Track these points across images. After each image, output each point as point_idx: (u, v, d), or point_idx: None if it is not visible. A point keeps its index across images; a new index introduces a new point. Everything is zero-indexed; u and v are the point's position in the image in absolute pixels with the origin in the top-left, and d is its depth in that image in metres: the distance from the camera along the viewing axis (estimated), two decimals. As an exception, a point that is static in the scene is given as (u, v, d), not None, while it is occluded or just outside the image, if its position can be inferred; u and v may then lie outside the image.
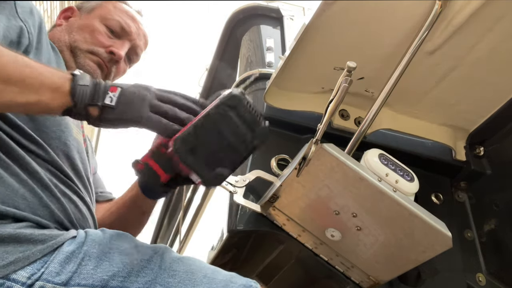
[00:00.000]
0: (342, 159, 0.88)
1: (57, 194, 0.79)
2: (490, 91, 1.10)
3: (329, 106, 0.84)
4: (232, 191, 1.04)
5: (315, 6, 0.93)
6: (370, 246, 0.98)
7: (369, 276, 1.03)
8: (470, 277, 1.11)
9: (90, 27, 1.04)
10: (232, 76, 1.65)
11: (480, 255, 1.15)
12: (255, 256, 1.27)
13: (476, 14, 0.91)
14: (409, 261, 0.96)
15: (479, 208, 1.20)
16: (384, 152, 0.97)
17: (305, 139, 1.16)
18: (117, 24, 1.06)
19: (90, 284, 0.65)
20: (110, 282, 0.65)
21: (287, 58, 1.03)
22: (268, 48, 1.42)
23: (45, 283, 0.63)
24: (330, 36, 1.01)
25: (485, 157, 1.20)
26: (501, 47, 0.98)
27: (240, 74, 1.38)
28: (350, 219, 0.95)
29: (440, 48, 1.01)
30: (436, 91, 1.12)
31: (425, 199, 1.17)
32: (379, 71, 1.06)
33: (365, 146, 1.01)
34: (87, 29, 1.04)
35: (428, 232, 0.89)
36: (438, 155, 1.22)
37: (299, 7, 1.84)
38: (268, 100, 1.14)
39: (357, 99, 1.17)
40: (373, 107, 0.98)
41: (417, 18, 0.93)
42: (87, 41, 1.03)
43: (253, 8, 1.61)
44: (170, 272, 0.71)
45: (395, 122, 1.20)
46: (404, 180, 0.93)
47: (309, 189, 0.95)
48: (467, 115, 1.18)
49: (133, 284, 0.67)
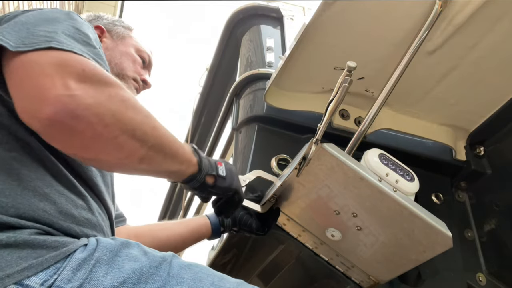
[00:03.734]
0: (342, 159, 0.88)
1: (79, 203, 0.78)
2: (490, 91, 1.10)
3: (329, 106, 0.84)
4: (232, 191, 1.04)
5: (315, 6, 0.93)
6: (370, 246, 0.98)
7: (369, 276, 1.03)
8: (471, 276, 1.11)
9: (131, 56, 1.19)
10: (232, 76, 1.65)
11: (481, 254, 1.15)
12: (255, 256, 1.27)
13: (476, 14, 0.91)
14: (410, 261, 0.96)
15: (480, 208, 1.20)
16: (384, 152, 0.97)
17: (305, 139, 1.16)
18: (147, 57, 1.23)
19: None
20: None
21: (287, 58, 1.03)
22: (268, 48, 1.42)
23: None
24: (330, 36, 1.01)
25: (485, 157, 1.20)
26: (501, 47, 0.98)
27: (240, 74, 1.38)
28: (350, 219, 0.95)
29: (440, 48, 1.01)
30: (437, 91, 1.12)
31: (425, 199, 1.17)
32: (379, 71, 1.06)
33: (365, 146, 1.01)
34: (130, 58, 1.18)
35: (428, 232, 0.89)
36: (438, 155, 1.22)
37: (299, 7, 1.84)
38: (268, 100, 1.14)
39: (357, 99, 1.17)
40: (373, 107, 0.98)
41: (417, 18, 0.93)
42: (131, 69, 1.17)
43: (253, 8, 1.61)
44: (178, 279, 0.72)
45: (395, 122, 1.20)
46: (405, 180, 0.93)
47: (309, 189, 0.95)
48: (467, 115, 1.18)
49: None
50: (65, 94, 0.63)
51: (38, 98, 0.63)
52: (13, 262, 0.63)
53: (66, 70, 0.65)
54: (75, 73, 0.65)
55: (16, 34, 0.70)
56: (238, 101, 1.33)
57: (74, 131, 0.64)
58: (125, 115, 0.69)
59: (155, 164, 0.77)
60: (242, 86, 1.34)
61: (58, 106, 0.62)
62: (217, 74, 1.81)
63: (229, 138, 1.42)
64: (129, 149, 0.70)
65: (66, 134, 0.65)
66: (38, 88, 0.63)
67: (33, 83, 0.64)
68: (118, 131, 0.67)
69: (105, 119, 0.66)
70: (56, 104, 0.62)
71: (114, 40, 1.19)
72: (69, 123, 0.63)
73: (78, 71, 0.66)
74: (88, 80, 0.66)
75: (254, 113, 1.21)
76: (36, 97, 0.63)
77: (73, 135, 0.65)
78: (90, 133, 0.65)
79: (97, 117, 0.65)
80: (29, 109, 0.65)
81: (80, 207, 0.78)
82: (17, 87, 0.68)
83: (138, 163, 0.73)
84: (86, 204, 0.80)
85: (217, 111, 1.76)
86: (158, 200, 3.00)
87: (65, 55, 0.68)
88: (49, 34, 0.71)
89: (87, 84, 0.65)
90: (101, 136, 0.66)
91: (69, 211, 0.75)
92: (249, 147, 1.16)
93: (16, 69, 0.68)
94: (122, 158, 0.71)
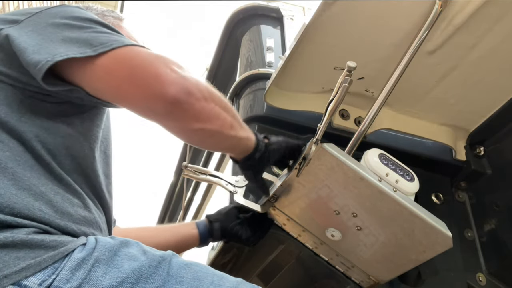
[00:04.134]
0: (342, 159, 0.88)
1: (78, 203, 0.78)
2: (490, 91, 1.10)
3: (329, 106, 0.84)
4: (232, 191, 1.04)
5: (315, 6, 0.93)
6: (370, 246, 0.98)
7: (369, 276, 1.03)
8: (471, 276, 1.11)
9: None
10: (232, 76, 1.65)
11: (481, 254, 1.15)
12: (255, 256, 1.27)
13: (476, 14, 0.91)
14: (410, 261, 0.96)
15: (479, 208, 1.20)
16: (384, 152, 0.97)
17: (305, 139, 1.16)
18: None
19: None
20: None
21: (287, 58, 1.03)
22: (268, 48, 1.42)
23: None
24: (330, 36, 1.01)
25: (485, 157, 1.20)
26: (501, 47, 0.98)
27: (240, 74, 1.38)
28: (350, 219, 0.95)
29: (440, 48, 1.01)
30: (436, 91, 1.12)
31: (425, 199, 1.17)
32: (379, 71, 1.06)
33: (365, 146, 1.01)
34: None
35: (428, 232, 0.89)
36: (438, 155, 1.22)
37: (299, 7, 1.84)
38: (268, 100, 1.14)
39: (357, 99, 1.17)
40: (373, 107, 0.98)
41: (417, 18, 0.93)
42: None
43: (253, 8, 1.61)
44: (178, 278, 0.72)
45: (395, 122, 1.20)
46: (404, 180, 0.93)
47: (309, 189, 0.95)
48: (467, 115, 1.18)
49: None
50: (178, 77, 0.72)
51: (160, 82, 0.71)
52: (11, 262, 0.63)
53: (161, 59, 0.73)
54: (168, 61, 0.74)
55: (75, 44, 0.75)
56: (238, 101, 1.33)
57: (190, 106, 0.74)
58: (213, 90, 0.80)
59: (238, 130, 0.86)
60: (242, 86, 1.34)
61: (179, 86, 0.72)
62: (217, 74, 1.81)
63: (229, 138, 1.42)
64: (223, 117, 0.81)
65: (185, 109, 0.74)
66: (155, 75, 0.71)
67: (146, 73, 0.72)
68: (213, 103, 0.78)
69: (205, 94, 0.76)
70: (177, 84, 0.71)
71: None
72: (187, 99, 0.73)
73: (166, 60, 0.74)
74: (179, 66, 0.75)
75: (254, 113, 1.21)
76: (157, 82, 0.71)
77: (188, 109, 0.74)
78: (199, 106, 0.75)
79: (200, 93, 0.75)
80: (151, 95, 0.72)
81: (76, 205, 0.78)
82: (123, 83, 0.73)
83: (229, 129, 0.83)
84: (82, 202, 0.80)
85: (217, 111, 1.76)
86: (158, 200, 3.00)
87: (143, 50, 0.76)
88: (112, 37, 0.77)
89: (181, 69, 0.74)
90: (205, 107, 0.77)
91: (65, 209, 0.74)
92: (249, 147, 1.16)
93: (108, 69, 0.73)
94: (220, 125, 0.81)
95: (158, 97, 0.71)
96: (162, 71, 0.72)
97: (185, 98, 0.72)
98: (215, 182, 1.06)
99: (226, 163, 1.54)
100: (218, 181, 1.06)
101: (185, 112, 0.74)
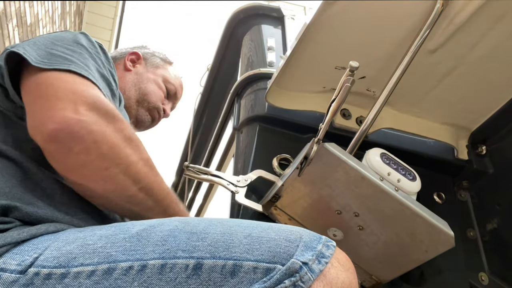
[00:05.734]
0: (344, 159, 0.88)
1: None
2: (492, 90, 1.10)
3: (331, 105, 0.84)
4: (234, 191, 1.04)
5: (316, 6, 0.93)
6: (372, 246, 0.97)
7: (371, 276, 1.03)
8: (473, 276, 1.11)
9: (158, 84, 1.28)
10: (234, 76, 1.65)
11: (483, 254, 1.15)
12: (257, 256, 1.26)
13: (477, 13, 0.91)
14: (412, 261, 0.96)
15: (482, 207, 1.19)
16: (386, 151, 0.97)
17: (306, 138, 1.16)
18: (173, 90, 1.33)
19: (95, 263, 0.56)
20: None
21: (288, 57, 1.03)
22: (269, 48, 1.42)
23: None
24: (331, 35, 1.01)
25: (487, 156, 1.20)
26: (503, 45, 0.98)
27: (241, 74, 1.38)
28: (352, 219, 0.95)
29: (441, 47, 1.00)
30: (438, 90, 1.12)
31: (427, 198, 1.16)
32: (380, 70, 1.06)
33: (366, 146, 1.01)
34: (156, 86, 1.28)
35: (430, 231, 0.89)
36: (440, 154, 1.22)
37: (300, 7, 1.84)
38: (269, 100, 1.14)
39: (358, 99, 1.17)
40: (374, 106, 0.98)
41: (419, 17, 0.93)
42: (155, 95, 1.26)
43: (254, 7, 1.61)
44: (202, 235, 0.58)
45: (397, 121, 1.20)
46: (406, 179, 0.93)
47: (310, 189, 0.95)
48: (469, 114, 1.18)
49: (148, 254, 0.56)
50: (72, 117, 0.66)
51: (46, 115, 0.67)
52: None
53: (79, 97, 0.69)
54: (87, 102, 0.69)
55: (37, 51, 0.75)
56: (239, 101, 1.33)
57: (70, 152, 0.66)
58: (123, 150, 0.70)
59: (141, 208, 0.75)
60: (243, 86, 1.34)
61: (63, 125, 0.65)
62: (218, 74, 1.81)
63: (230, 138, 1.42)
64: (118, 184, 0.70)
65: (63, 153, 0.67)
66: (50, 107, 0.67)
67: (46, 103, 0.68)
68: (110, 163, 0.68)
69: (102, 148, 0.67)
70: (62, 123, 0.65)
71: (147, 67, 1.29)
72: (67, 143, 0.66)
73: (89, 101, 0.69)
74: (98, 111, 0.69)
75: (255, 113, 1.21)
76: (45, 114, 0.67)
77: (68, 155, 0.67)
78: (83, 158, 0.67)
79: (95, 144, 0.67)
80: (36, 123, 0.69)
81: None
82: (32, 102, 0.72)
83: (125, 201, 0.73)
84: None
85: (218, 111, 1.76)
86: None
87: (81, 83, 0.72)
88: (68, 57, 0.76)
89: (95, 114, 0.69)
90: (92, 163, 0.68)
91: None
92: (250, 147, 1.16)
93: (34, 84, 0.73)
94: (109, 190, 0.71)
95: (37, 127, 0.68)
96: (59, 106, 0.67)
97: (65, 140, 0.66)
98: (217, 182, 1.06)
99: (227, 163, 1.54)
100: (219, 181, 1.06)
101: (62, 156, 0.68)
